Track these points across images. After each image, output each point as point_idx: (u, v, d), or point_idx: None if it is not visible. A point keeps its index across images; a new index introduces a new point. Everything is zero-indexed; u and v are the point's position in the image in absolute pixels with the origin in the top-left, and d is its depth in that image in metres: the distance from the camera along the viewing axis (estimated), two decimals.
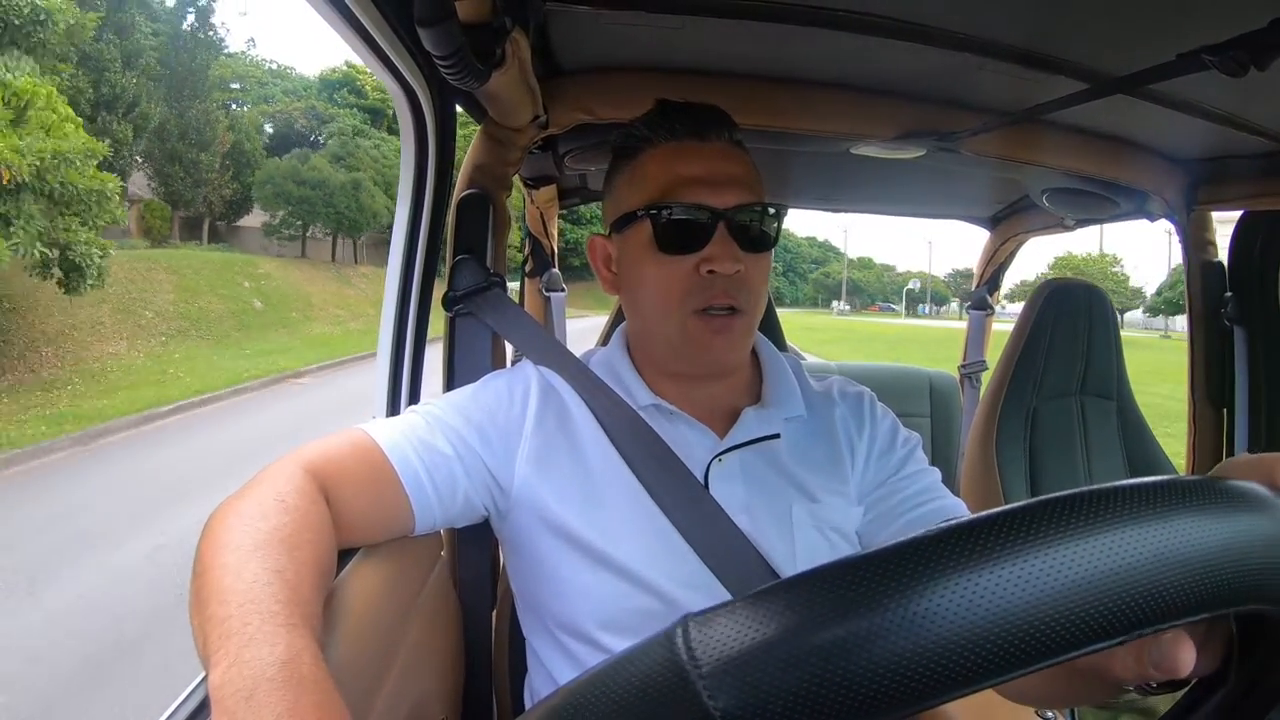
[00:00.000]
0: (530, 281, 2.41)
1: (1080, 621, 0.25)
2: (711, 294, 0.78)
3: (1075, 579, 0.25)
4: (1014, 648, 0.25)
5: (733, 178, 0.80)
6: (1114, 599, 0.25)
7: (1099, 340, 1.83)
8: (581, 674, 0.29)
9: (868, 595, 0.25)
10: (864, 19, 0.99)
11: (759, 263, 0.80)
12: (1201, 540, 0.27)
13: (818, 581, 0.26)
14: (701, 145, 0.81)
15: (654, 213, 0.79)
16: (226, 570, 0.54)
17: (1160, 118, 1.23)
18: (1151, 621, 0.26)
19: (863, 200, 2.32)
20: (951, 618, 0.24)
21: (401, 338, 1.12)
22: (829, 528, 0.81)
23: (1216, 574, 0.27)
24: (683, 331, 0.80)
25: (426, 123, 1.06)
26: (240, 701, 0.44)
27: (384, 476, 0.75)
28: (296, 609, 0.52)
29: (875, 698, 0.24)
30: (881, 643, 0.24)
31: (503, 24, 0.80)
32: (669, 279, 0.79)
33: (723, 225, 0.78)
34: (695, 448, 0.83)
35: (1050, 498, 0.27)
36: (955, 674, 0.24)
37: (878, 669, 0.24)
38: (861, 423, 0.89)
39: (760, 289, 0.81)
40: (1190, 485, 0.28)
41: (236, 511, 0.61)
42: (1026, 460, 1.83)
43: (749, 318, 0.81)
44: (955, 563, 0.25)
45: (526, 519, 0.81)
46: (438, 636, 0.94)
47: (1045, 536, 0.26)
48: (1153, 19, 0.91)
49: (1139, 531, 0.26)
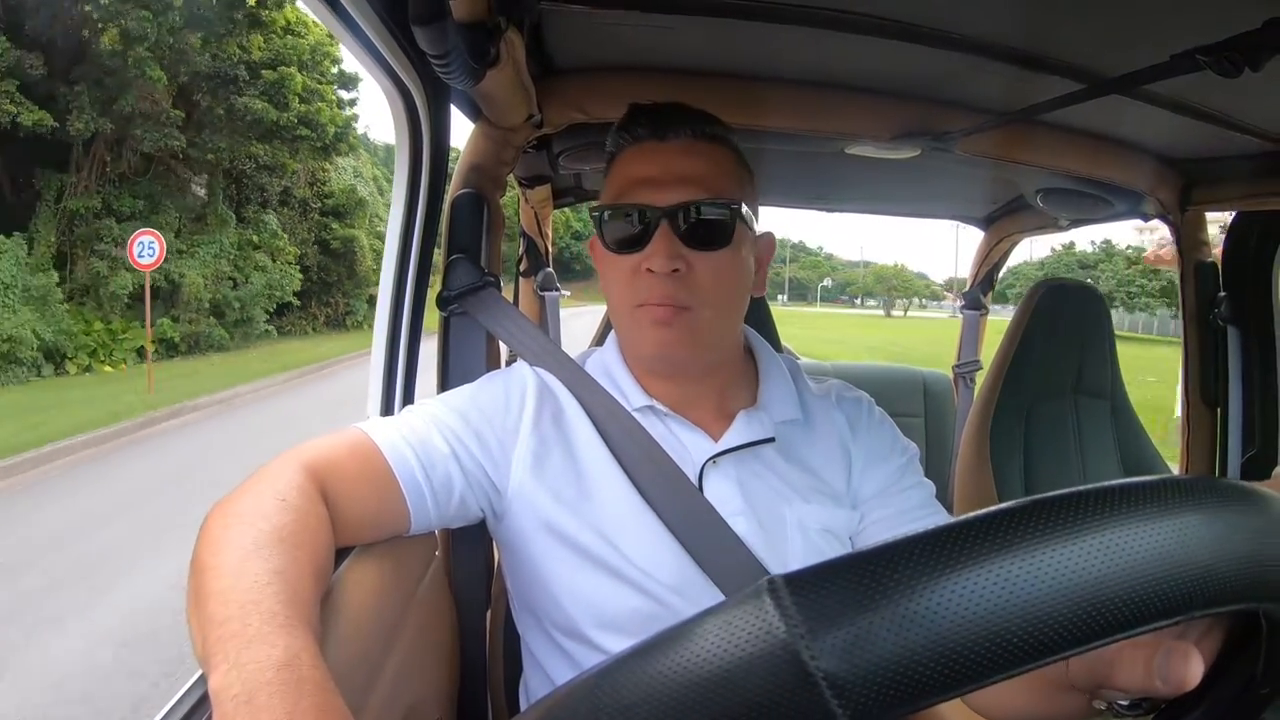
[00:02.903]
0: (525, 281, 2.41)
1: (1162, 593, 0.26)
2: (652, 293, 0.79)
3: (1152, 554, 0.26)
4: (1100, 616, 0.26)
5: (683, 175, 0.79)
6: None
7: (1093, 340, 1.84)
8: (647, 640, 0.28)
9: (975, 555, 0.26)
10: (858, 19, 0.99)
11: (710, 261, 0.79)
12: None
13: (919, 544, 0.27)
14: (661, 145, 0.82)
15: (602, 214, 0.82)
16: (226, 571, 0.54)
17: (1154, 118, 1.23)
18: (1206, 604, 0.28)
19: (856, 200, 2.32)
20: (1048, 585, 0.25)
21: (396, 337, 1.11)
22: (823, 531, 0.81)
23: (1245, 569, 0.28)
24: (634, 320, 0.82)
25: (421, 122, 1.06)
26: (240, 705, 0.44)
27: (381, 475, 0.75)
28: (296, 610, 0.52)
29: (975, 661, 0.25)
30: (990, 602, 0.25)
31: (497, 23, 0.80)
32: (620, 276, 0.81)
33: (664, 224, 0.78)
34: (690, 450, 0.83)
35: (1137, 480, 0.29)
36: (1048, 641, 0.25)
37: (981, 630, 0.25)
38: (859, 429, 0.89)
39: (715, 287, 0.80)
40: (1229, 486, 0.30)
41: (236, 510, 0.60)
42: (1021, 459, 1.83)
43: (698, 314, 0.80)
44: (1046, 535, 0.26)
45: (522, 520, 0.81)
46: (432, 637, 0.94)
47: (1133, 513, 0.27)
48: (1147, 19, 0.91)
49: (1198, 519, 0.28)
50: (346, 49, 0.89)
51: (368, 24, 0.83)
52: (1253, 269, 1.66)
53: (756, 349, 0.93)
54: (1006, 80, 1.12)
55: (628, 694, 0.27)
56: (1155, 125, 1.33)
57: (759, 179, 0.86)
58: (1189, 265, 1.69)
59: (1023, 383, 1.84)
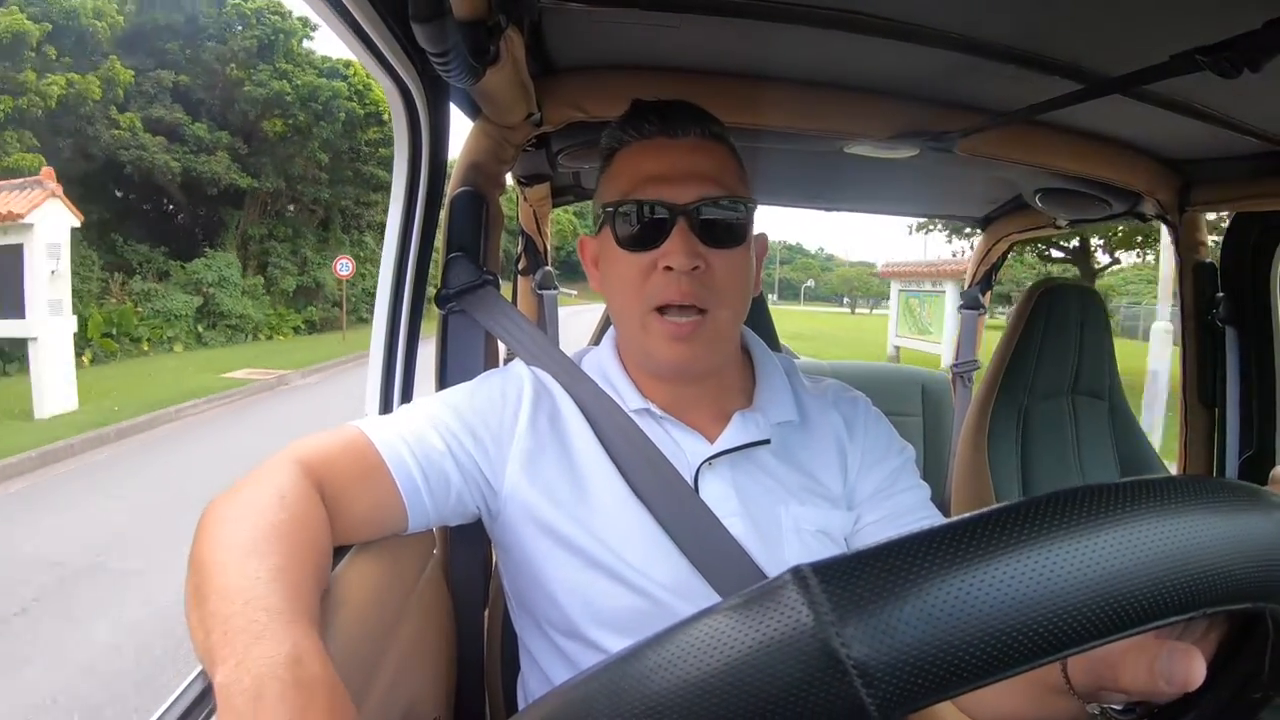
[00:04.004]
0: (524, 280, 2.41)
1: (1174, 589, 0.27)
2: (670, 291, 0.77)
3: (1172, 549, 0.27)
4: (1118, 609, 0.26)
5: (697, 173, 0.79)
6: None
7: (1090, 340, 1.84)
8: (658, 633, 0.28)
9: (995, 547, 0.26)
10: (858, 18, 0.99)
11: (726, 259, 0.79)
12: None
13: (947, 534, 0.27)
14: (671, 142, 0.80)
15: (615, 210, 0.80)
16: (227, 567, 0.53)
17: (1154, 118, 1.23)
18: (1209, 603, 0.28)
19: (855, 199, 2.32)
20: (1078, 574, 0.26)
21: (394, 335, 1.11)
22: (819, 532, 0.81)
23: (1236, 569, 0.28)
24: (644, 329, 0.80)
25: (420, 120, 1.05)
26: (249, 701, 0.43)
27: (377, 473, 0.75)
28: (300, 606, 0.51)
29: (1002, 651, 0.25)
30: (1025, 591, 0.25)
31: (497, 21, 0.80)
32: (631, 276, 0.79)
33: (682, 220, 0.77)
34: (685, 452, 0.83)
35: (1145, 479, 0.29)
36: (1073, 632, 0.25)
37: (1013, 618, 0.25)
38: (856, 429, 0.88)
39: (730, 287, 0.80)
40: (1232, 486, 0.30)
41: (234, 507, 0.60)
42: (1018, 459, 1.83)
43: (717, 319, 0.79)
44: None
45: (518, 519, 0.81)
46: (430, 636, 0.93)
47: (1144, 510, 0.27)
48: (1146, 19, 0.91)
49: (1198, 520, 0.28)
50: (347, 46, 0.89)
51: (367, 21, 0.83)
52: (1251, 269, 1.67)
53: (753, 349, 0.93)
54: (1006, 80, 1.12)
55: (653, 681, 0.27)
56: (1154, 126, 1.33)
57: (758, 177, 0.86)
58: (1187, 266, 1.69)
59: (1020, 383, 1.84)
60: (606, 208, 0.81)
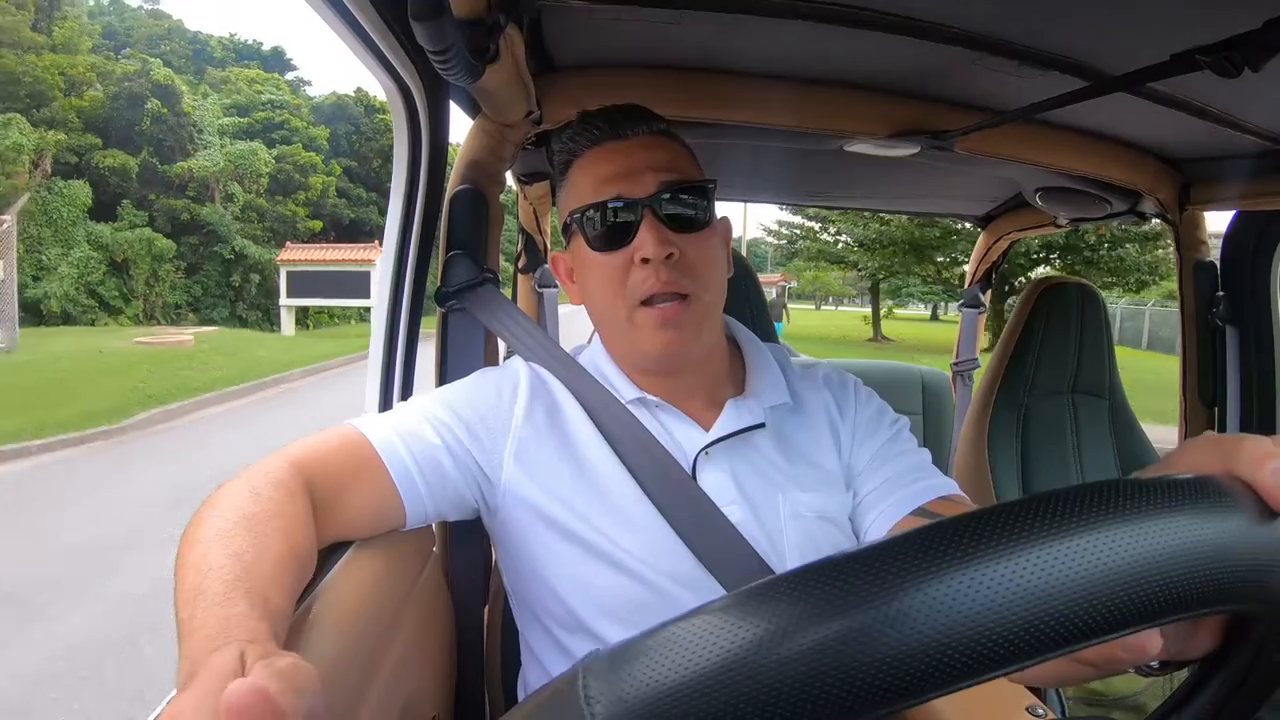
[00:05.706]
0: (523, 277, 2.40)
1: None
2: (651, 282, 0.78)
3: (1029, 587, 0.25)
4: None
5: (652, 165, 0.80)
6: (1060, 611, 0.25)
7: (1090, 339, 1.84)
8: None
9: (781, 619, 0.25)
10: (859, 14, 0.99)
11: (696, 243, 0.80)
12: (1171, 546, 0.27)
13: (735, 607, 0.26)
14: (622, 143, 0.82)
15: (582, 216, 0.81)
16: (191, 567, 0.54)
17: (1154, 117, 1.23)
18: (1124, 625, 0.26)
19: (854, 197, 2.32)
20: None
21: (394, 334, 1.11)
22: (818, 517, 0.82)
23: (1188, 578, 0.26)
24: (632, 324, 0.81)
25: (420, 118, 1.05)
26: (181, 688, 0.42)
27: (372, 469, 0.75)
28: (240, 587, 0.51)
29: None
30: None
31: (496, 19, 0.80)
32: (610, 276, 0.80)
33: (648, 212, 0.78)
34: (682, 440, 0.83)
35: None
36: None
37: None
38: (846, 406, 0.89)
39: (706, 270, 0.81)
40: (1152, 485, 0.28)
41: (210, 506, 0.61)
42: (1018, 457, 1.83)
43: (700, 303, 0.80)
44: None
45: (517, 513, 0.81)
46: (430, 633, 0.94)
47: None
48: (1148, 18, 0.91)
49: (1104, 536, 0.26)
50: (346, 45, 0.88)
51: (367, 20, 0.83)
52: (1251, 269, 1.67)
53: (740, 338, 0.93)
54: (1007, 78, 1.12)
55: None
56: (1155, 124, 1.33)
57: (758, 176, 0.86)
58: (1187, 265, 1.69)
59: (1020, 381, 1.84)
60: (573, 215, 0.82)
